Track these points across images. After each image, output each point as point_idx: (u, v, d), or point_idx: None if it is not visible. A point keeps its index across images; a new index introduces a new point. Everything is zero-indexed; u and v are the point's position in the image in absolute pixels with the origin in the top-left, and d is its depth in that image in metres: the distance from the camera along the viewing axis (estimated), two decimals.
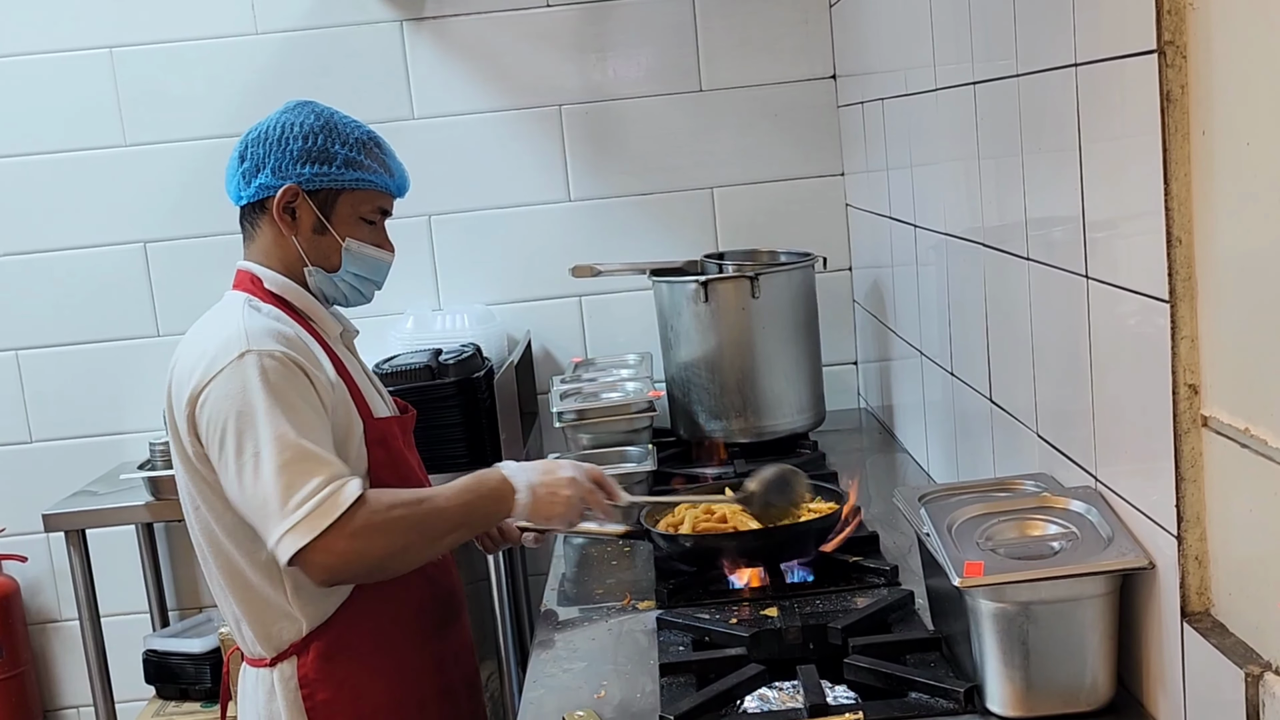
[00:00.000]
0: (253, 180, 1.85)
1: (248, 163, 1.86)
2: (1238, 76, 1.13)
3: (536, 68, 3.15)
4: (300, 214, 1.85)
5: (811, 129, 3.18)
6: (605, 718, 1.56)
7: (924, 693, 1.52)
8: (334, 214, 1.86)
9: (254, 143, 1.86)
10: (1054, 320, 1.62)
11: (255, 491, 1.66)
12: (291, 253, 1.86)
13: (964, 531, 1.49)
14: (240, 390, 1.68)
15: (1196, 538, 1.28)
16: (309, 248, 1.86)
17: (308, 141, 1.84)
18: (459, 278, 3.21)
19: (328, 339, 1.88)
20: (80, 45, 3.12)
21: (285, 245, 1.86)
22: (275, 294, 1.85)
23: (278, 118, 1.88)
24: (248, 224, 1.90)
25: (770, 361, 2.68)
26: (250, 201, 1.86)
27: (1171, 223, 1.24)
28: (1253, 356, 1.15)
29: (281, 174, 1.84)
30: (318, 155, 1.84)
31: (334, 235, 1.86)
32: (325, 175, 1.84)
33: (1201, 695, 1.27)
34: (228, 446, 1.68)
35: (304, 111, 1.89)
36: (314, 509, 1.63)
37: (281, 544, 1.64)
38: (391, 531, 1.69)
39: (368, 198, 1.89)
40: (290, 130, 1.85)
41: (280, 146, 1.84)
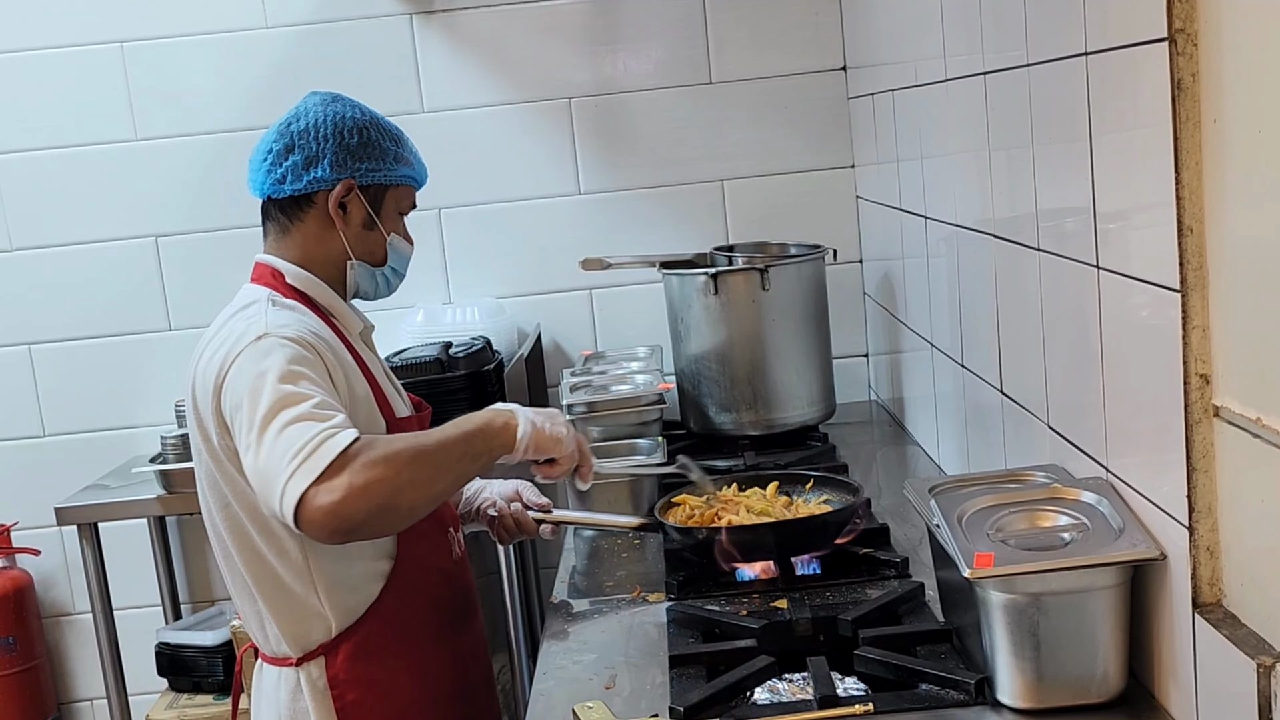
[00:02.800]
0: (306, 173, 1.81)
1: (298, 155, 1.81)
2: (1249, 64, 1.13)
3: (546, 61, 3.15)
4: (351, 209, 1.84)
5: (822, 121, 3.17)
6: (615, 709, 1.56)
7: (934, 684, 1.51)
8: (382, 209, 1.87)
9: (303, 135, 1.81)
10: (1065, 311, 1.62)
11: (262, 459, 1.61)
12: (334, 247, 1.85)
13: (974, 523, 1.49)
14: (256, 369, 1.66)
15: (1208, 528, 1.27)
16: (356, 242, 1.85)
17: (362, 136, 1.83)
18: (469, 271, 3.21)
19: (349, 336, 1.86)
20: (91, 40, 3.13)
21: (328, 239, 1.84)
22: (297, 289, 1.83)
23: (323, 110, 1.84)
24: (283, 217, 1.85)
25: (780, 354, 2.68)
26: (294, 194, 1.82)
27: (1183, 212, 1.24)
28: (1265, 346, 1.15)
29: (340, 168, 1.82)
30: (372, 151, 1.84)
31: (380, 230, 1.87)
32: (378, 170, 1.84)
33: (1213, 686, 1.27)
34: (241, 423, 1.65)
35: (347, 105, 1.87)
36: (309, 454, 1.58)
37: (285, 498, 1.58)
38: (393, 463, 1.61)
39: (407, 193, 1.92)
40: (344, 124, 1.83)
41: (337, 140, 1.82)
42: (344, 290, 1.89)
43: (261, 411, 1.62)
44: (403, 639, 1.81)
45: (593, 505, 2.37)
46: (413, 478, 1.64)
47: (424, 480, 1.66)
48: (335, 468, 1.58)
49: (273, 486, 1.60)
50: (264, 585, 1.77)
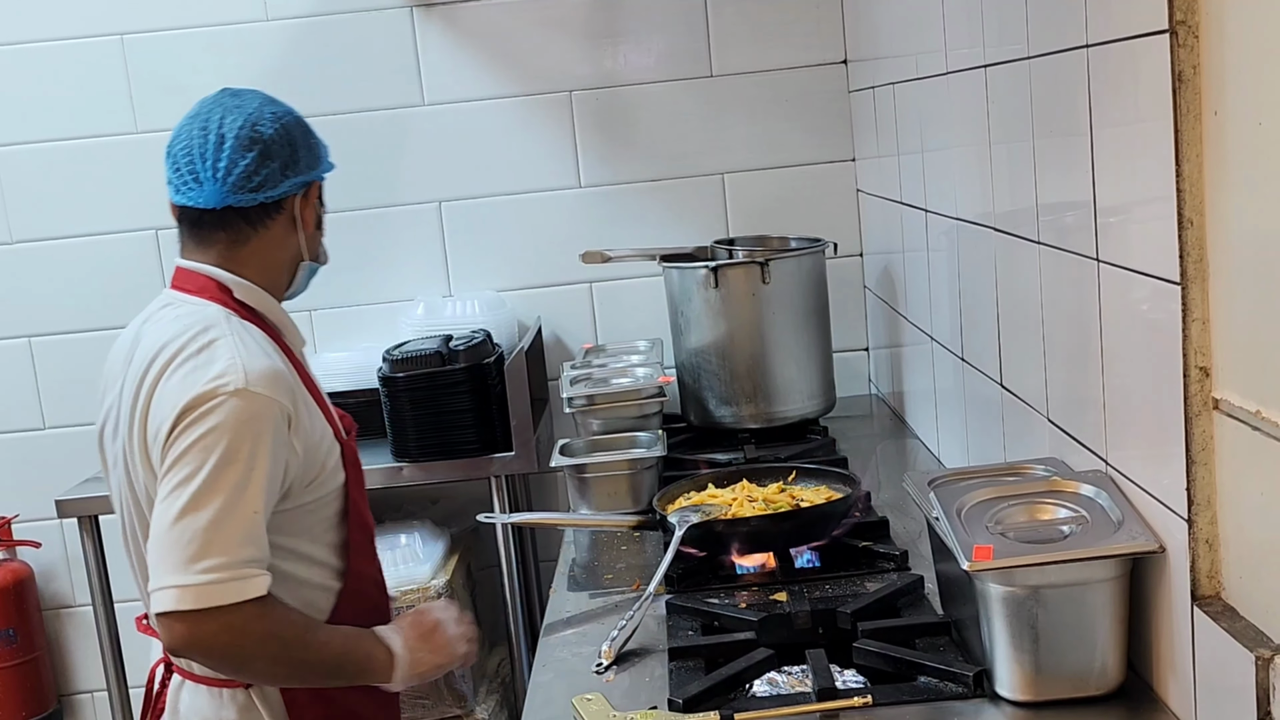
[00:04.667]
0: (284, 179, 1.75)
1: (276, 161, 1.74)
2: (1250, 56, 1.13)
3: (547, 54, 3.14)
4: (308, 210, 1.80)
5: (823, 114, 3.17)
6: (614, 701, 1.56)
7: (933, 677, 1.52)
8: (322, 204, 1.86)
9: (276, 140, 1.75)
10: (1065, 304, 1.61)
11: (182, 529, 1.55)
12: (292, 250, 1.80)
13: (973, 516, 1.49)
14: (226, 427, 1.58)
15: (1207, 521, 1.27)
16: (312, 243, 1.83)
17: (310, 134, 1.81)
18: (469, 264, 3.21)
19: (295, 352, 1.81)
20: (91, 32, 3.12)
21: (289, 243, 1.79)
22: (247, 305, 1.75)
23: (271, 108, 1.78)
24: (245, 224, 1.75)
25: (781, 347, 2.68)
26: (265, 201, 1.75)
27: (1183, 204, 1.23)
28: (1265, 339, 1.15)
29: (312, 168, 1.79)
30: (317, 148, 1.82)
31: (323, 228, 1.86)
32: (325, 166, 1.83)
33: (1211, 679, 1.27)
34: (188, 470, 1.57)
35: (280, 103, 1.81)
36: (217, 579, 1.54)
37: (165, 594, 1.54)
38: (267, 644, 1.61)
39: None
40: (301, 124, 1.79)
41: (304, 140, 1.78)
42: (282, 296, 1.83)
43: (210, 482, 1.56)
44: None
45: (591, 500, 2.38)
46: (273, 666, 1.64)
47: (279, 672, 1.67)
48: (223, 612, 1.55)
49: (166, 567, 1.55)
50: None
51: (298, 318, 3.19)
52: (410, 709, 2.75)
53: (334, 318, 3.22)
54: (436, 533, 2.94)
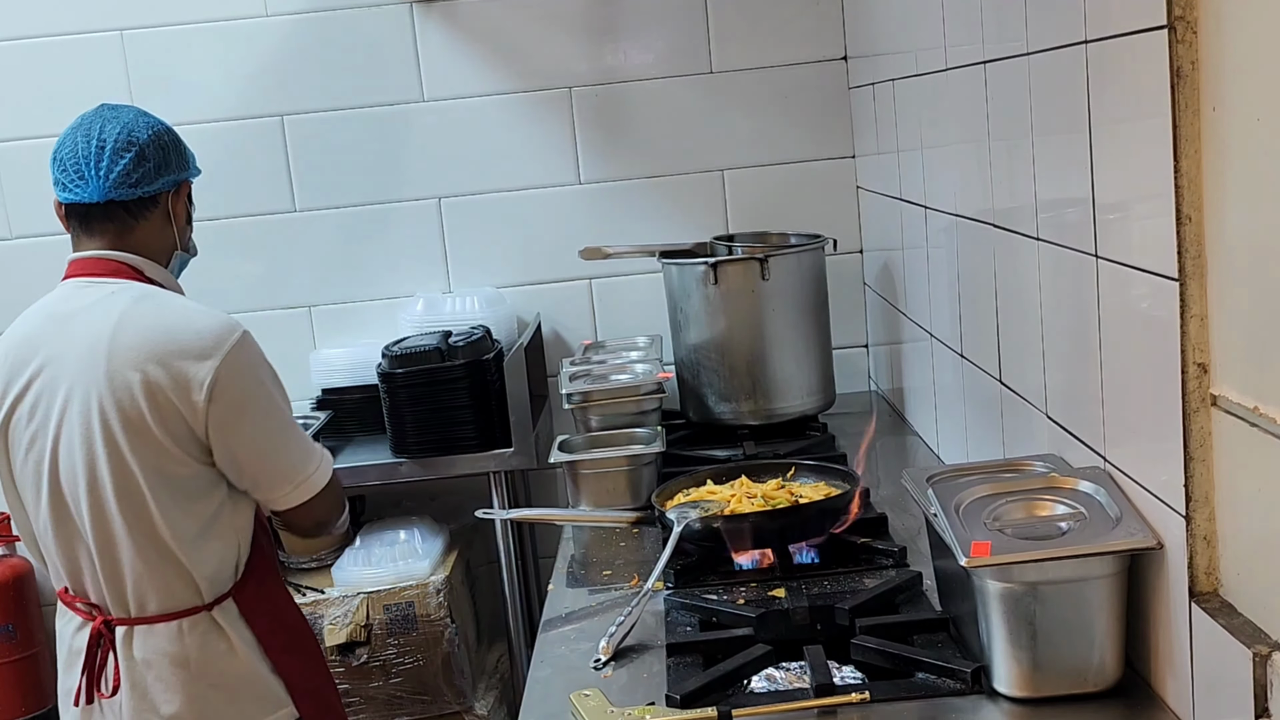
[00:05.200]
0: (160, 177, 2.01)
1: (150, 162, 2.00)
2: (1249, 51, 1.12)
3: (546, 50, 3.14)
4: (179, 206, 2.08)
5: (822, 111, 3.17)
6: (612, 697, 1.56)
7: (931, 673, 1.52)
8: (191, 203, 2.14)
9: (150, 144, 2.01)
10: (1064, 301, 1.61)
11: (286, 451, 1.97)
12: (167, 241, 2.06)
13: (971, 512, 1.49)
14: (261, 358, 1.96)
15: (1205, 517, 1.27)
16: (182, 235, 2.09)
17: (179, 140, 2.09)
18: (469, 260, 3.21)
19: None
20: (91, 28, 3.12)
21: (165, 234, 2.05)
22: (158, 283, 2.01)
23: (144, 119, 2.04)
24: (128, 216, 2.00)
25: (780, 344, 2.68)
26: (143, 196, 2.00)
27: (1181, 200, 1.23)
28: (1262, 335, 1.14)
29: (182, 170, 2.07)
30: (186, 152, 2.10)
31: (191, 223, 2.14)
32: (188, 169, 2.11)
33: (1209, 675, 1.27)
34: (257, 409, 1.93)
35: (151, 115, 2.08)
36: (323, 462, 2.02)
37: (302, 488, 1.98)
38: (340, 496, 2.11)
39: None
40: (171, 133, 2.07)
41: (175, 147, 2.07)
42: None
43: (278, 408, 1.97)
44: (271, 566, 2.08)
45: (590, 496, 2.38)
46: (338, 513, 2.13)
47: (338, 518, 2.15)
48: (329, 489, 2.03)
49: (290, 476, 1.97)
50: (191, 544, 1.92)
51: (297, 314, 3.24)
52: (409, 706, 2.75)
53: (333, 313, 3.22)
54: (435, 529, 2.94)
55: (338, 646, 2.72)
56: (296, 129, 3.16)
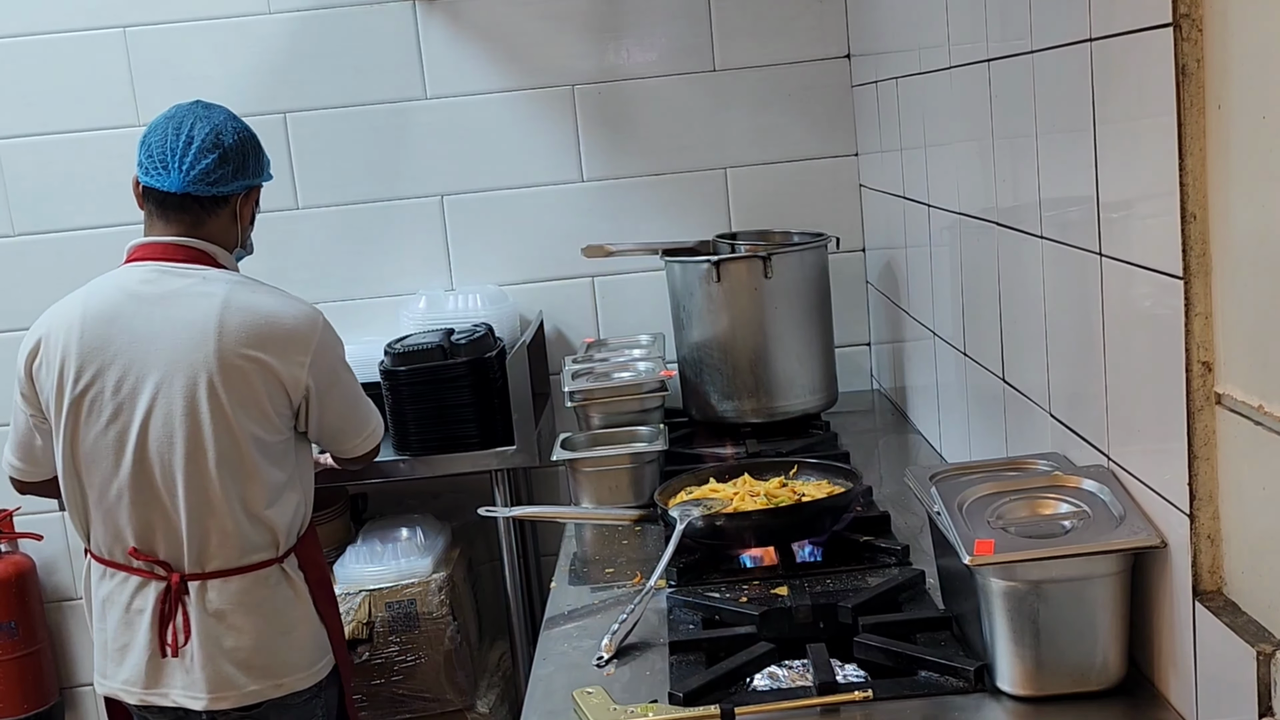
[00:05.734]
0: (235, 180, 2.20)
1: (231, 165, 2.19)
2: (1254, 49, 1.12)
3: (549, 48, 3.14)
4: (247, 208, 2.27)
5: (825, 109, 3.16)
6: (615, 695, 1.56)
7: (933, 671, 1.51)
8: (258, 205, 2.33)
9: (234, 148, 2.19)
10: (1067, 299, 1.61)
11: (358, 411, 2.30)
12: (231, 237, 2.25)
13: (975, 510, 1.49)
14: (338, 342, 2.25)
15: (1209, 516, 1.27)
16: (244, 234, 2.29)
17: (260, 147, 2.28)
18: (471, 258, 3.21)
19: None
20: (94, 24, 3.12)
21: (231, 231, 2.24)
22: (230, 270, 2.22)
23: (233, 123, 2.22)
24: (200, 210, 2.19)
25: (782, 342, 2.67)
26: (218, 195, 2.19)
27: (1186, 198, 1.23)
28: (1267, 333, 1.14)
29: (257, 175, 2.26)
30: (264, 158, 2.29)
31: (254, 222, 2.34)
32: (266, 175, 2.31)
33: (1212, 674, 1.27)
34: (341, 381, 2.24)
35: (239, 118, 2.26)
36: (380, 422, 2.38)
37: (372, 435, 2.34)
38: None
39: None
40: (253, 138, 2.25)
41: (255, 151, 2.24)
42: None
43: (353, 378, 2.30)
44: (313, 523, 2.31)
45: (593, 494, 2.37)
46: None
47: None
48: None
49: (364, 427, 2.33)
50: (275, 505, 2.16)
51: None
52: (411, 704, 2.75)
53: (336, 311, 3.18)
54: (438, 526, 2.94)
55: None
56: (299, 126, 3.16)
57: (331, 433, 2.27)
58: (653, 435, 2.46)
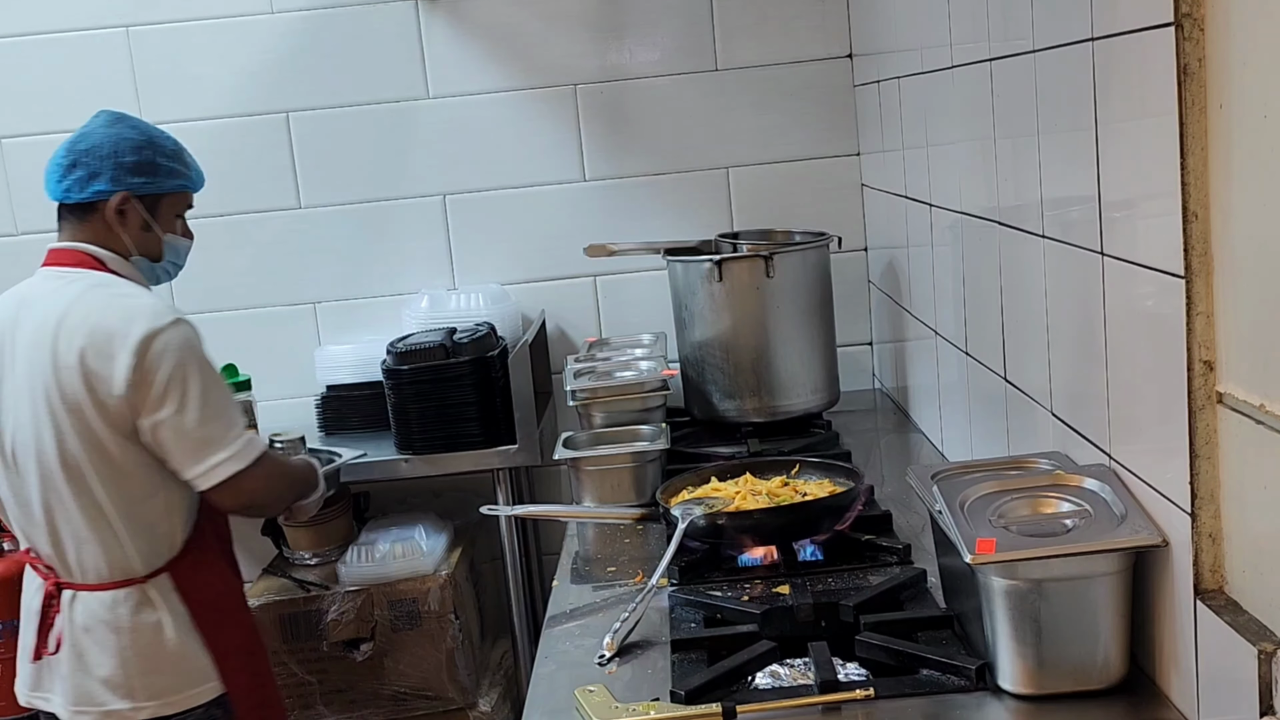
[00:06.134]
0: (88, 186, 2.16)
1: (80, 170, 2.16)
2: (1256, 48, 1.12)
3: (552, 47, 3.14)
4: (129, 215, 2.17)
5: (827, 108, 3.17)
6: (616, 693, 1.56)
7: (935, 670, 1.52)
8: (158, 214, 2.21)
9: (85, 154, 2.16)
10: (1069, 298, 1.61)
11: (204, 425, 2.05)
12: (119, 244, 2.18)
13: (976, 509, 1.49)
14: (189, 345, 2.07)
15: (1210, 515, 1.27)
16: (137, 241, 2.19)
17: (130, 156, 2.16)
18: (474, 257, 3.21)
19: None
20: (96, 24, 3.13)
21: (113, 238, 2.17)
22: (120, 275, 2.16)
23: (105, 132, 2.18)
24: (74, 217, 2.19)
25: (784, 341, 2.68)
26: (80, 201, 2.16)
27: (1188, 197, 1.23)
28: (1269, 332, 1.14)
29: (116, 182, 2.15)
30: (146, 167, 2.18)
31: (157, 232, 2.21)
32: (152, 185, 2.18)
33: (1214, 673, 1.27)
34: (185, 387, 2.04)
35: (125, 126, 2.20)
36: (244, 445, 2.09)
37: (223, 466, 2.07)
38: (283, 479, 2.25)
39: (182, 199, 2.26)
40: (121, 145, 2.17)
41: (114, 159, 2.16)
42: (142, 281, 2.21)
43: (203, 388, 2.05)
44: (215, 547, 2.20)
45: (595, 493, 2.38)
46: (282, 494, 2.26)
47: (285, 499, 2.29)
48: (258, 464, 2.10)
49: (205, 456, 2.06)
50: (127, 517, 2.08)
51: (303, 311, 3.24)
52: (413, 703, 2.75)
53: (338, 310, 3.22)
54: (440, 525, 2.95)
55: (342, 643, 2.72)
56: (302, 126, 3.17)
57: (173, 456, 2.06)
58: (655, 434, 2.46)
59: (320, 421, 3.06)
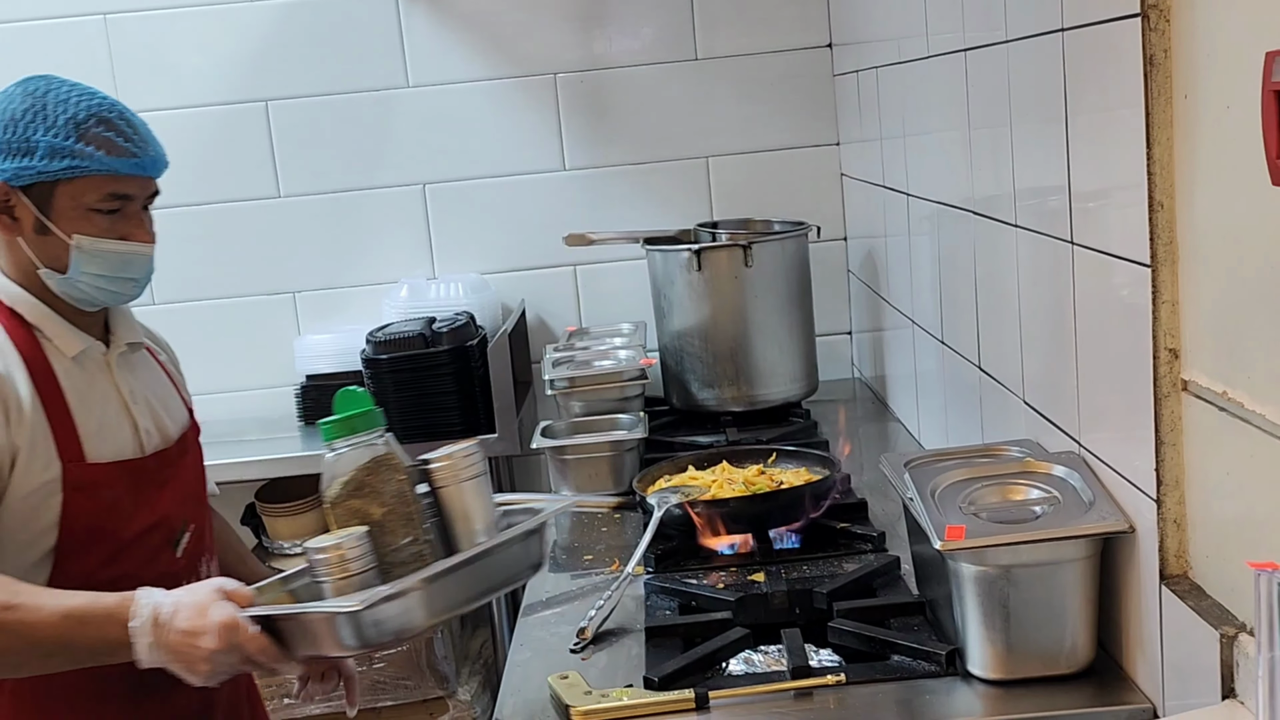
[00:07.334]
0: None
1: None
2: (1219, 40, 1.13)
3: (532, 37, 3.14)
4: (19, 213, 1.61)
5: (807, 98, 3.17)
6: (591, 680, 1.57)
7: (906, 655, 1.53)
8: (53, 209, 1.61)
9: None
10: (1041, 287, 1.62)
11: None
12: (21, 254, 1.63)
13: (947, 496, 1.50)
14: None
15: (1175, 501, 1.29)
16: (36, 249, 1.62)
17: (7, 132, 1.61)
18: (454, 246, 3.21)
19: (55, 361, 1.63)
20: (74, 12, 3.11)
21: (13, 246, 1.63)
22: (5, 305, 1.63)
23: None
24: None
25: (763, 330, 2.68)
26: None
27: (1154, 187, 1.25)
28: (1231, 320, 1.16)
29: None
30: (18, 147, 1.60)
31: (58, 234, 1.60)
32: (30, 169, 1.59)
33: (1178, 657, 1.28)
34: None
35: (14, 94, 1.67)
36: None
37: None
38: None
39: (91, 185, 1.61)
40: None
41: None
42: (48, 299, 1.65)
43: None
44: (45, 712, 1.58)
45: (573, 481, 2.38)
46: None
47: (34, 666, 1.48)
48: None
49: None
50: None
51: (282, 300, 3.23)
52: (392, 691, 2.76)
53: (318, 299, 3.22)
54: None
55: None
56: (281, 114, 3.16)
57: None
58: (633, 423, 2.47)
59: (300, 411, 3.06)
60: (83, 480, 1.60)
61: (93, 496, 1.61)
